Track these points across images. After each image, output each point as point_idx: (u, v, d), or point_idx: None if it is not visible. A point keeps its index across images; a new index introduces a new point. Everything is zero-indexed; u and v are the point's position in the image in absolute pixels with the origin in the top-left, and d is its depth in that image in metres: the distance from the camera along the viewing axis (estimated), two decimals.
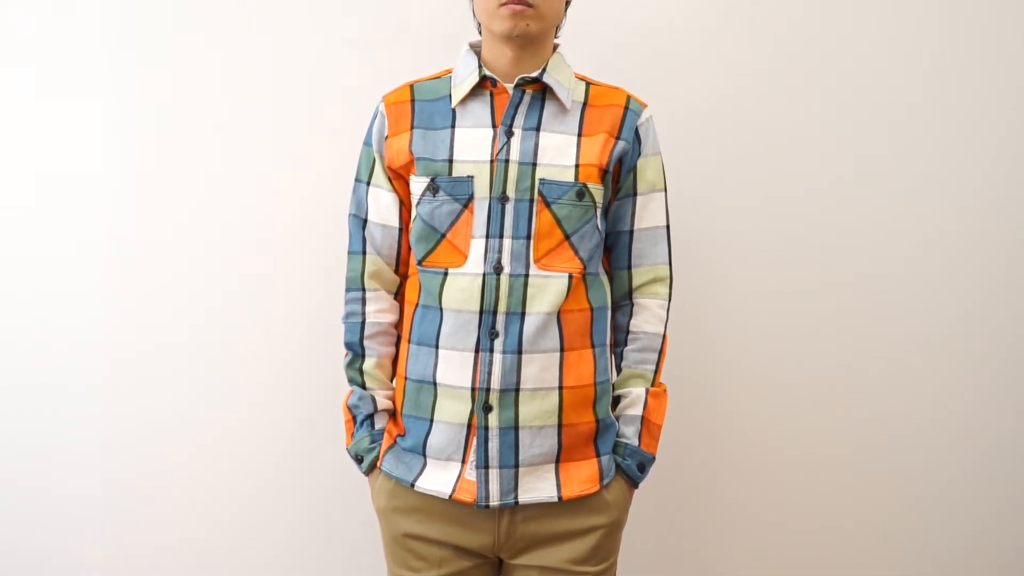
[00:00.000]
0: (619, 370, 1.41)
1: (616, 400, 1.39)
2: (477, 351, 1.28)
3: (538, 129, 1.32)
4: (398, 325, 1.43)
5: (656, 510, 1.84)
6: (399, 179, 1.38)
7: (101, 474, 1.84)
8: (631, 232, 1.40)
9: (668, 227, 1.42)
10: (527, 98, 1.33)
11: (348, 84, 1.77)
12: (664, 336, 1.40)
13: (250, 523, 1.86)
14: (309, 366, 1.81)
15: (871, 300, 1.87)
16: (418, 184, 1.33)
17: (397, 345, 1.43)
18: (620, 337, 1.41)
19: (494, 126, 1.32)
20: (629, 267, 1.40)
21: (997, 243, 1.86)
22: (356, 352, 1.40)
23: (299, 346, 1.83)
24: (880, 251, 1.86)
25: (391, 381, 1.42)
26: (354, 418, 1.39)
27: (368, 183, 1.40)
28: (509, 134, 1.31)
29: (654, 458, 1.38)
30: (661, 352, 1.40)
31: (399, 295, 1.43)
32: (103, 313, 1.82)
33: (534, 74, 1.32)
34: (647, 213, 1.40)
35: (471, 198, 1.30)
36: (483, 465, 1.28)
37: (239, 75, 1.79)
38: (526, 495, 1.29)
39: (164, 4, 1.78)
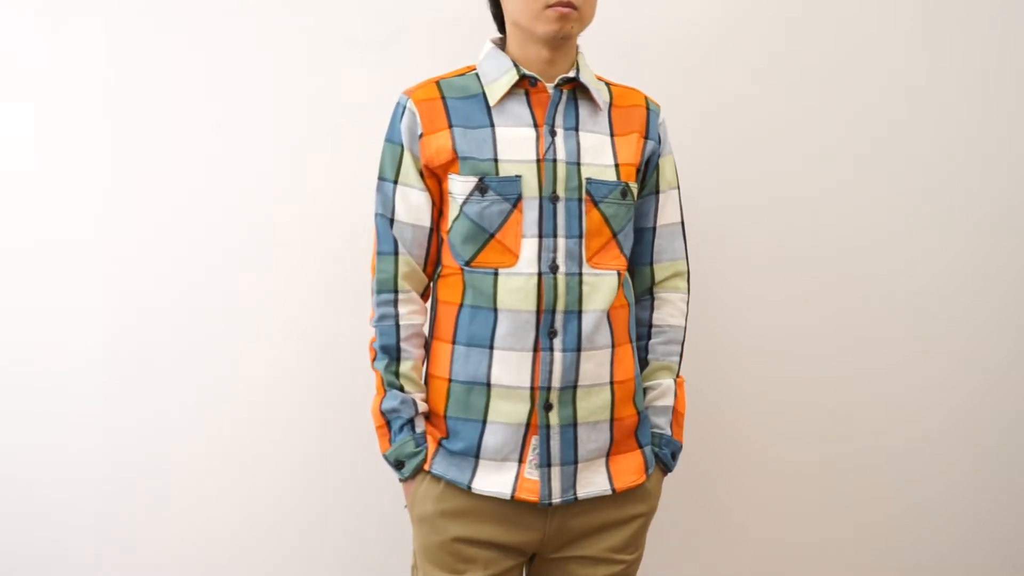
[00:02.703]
0: (643, 363, 1.45)
1: (643, 392, 1.43)
2: (536, 351, 1.28)
3: (577, 129, 1.33)
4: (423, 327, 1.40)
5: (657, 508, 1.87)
6: (433, 178, 1.35)
7: (101, 474, 1.79)
8: (654, 229, 1.44)
9: (683, 223, 1.47)
10: (564, 98, 1.34)
11: (348, 84, 1.74)
12: (685, 329, 1.46)
13: (250, 523, 1.82)
14: (309, 366, 1.79)
15: (873, 301, 1.90)
16: (463, 184, 1.30)
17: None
18: (642, 331, 1.45)
19: (536, 125, 1.32)
20: (651, 263, 1.44)
21: (1000, 245, 1.91)
22: (392, 356, 1.35)
23: (299, 346, 1.80)
24: (884, 252, 1.89)
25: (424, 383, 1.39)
26: (388, 423, 1.35)
27: (395, 182, 1.35)
28: (553, 133, 1.31)
29: (682, 446, 1.44)
30: (683, 344, 1.46)
31: (425, 295, 1.41)
32: (102, 313, 1.76)
33: (571, 74, 1.33)
34: (666, 210, 1.45)
35: (520, 198, 1.29)
36: (545, 463, 1.28)
37: (239, 74, 1.75)
38: (584, 490, 1.30)
39: (164, 4, 1.72)
